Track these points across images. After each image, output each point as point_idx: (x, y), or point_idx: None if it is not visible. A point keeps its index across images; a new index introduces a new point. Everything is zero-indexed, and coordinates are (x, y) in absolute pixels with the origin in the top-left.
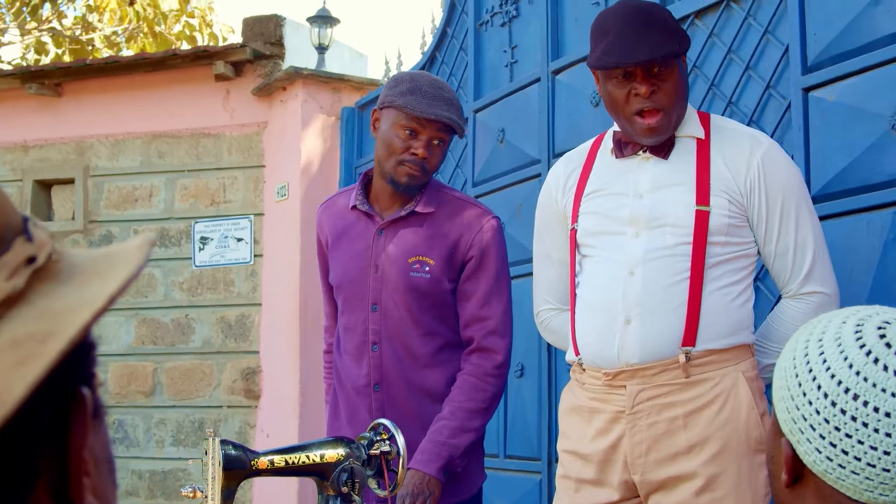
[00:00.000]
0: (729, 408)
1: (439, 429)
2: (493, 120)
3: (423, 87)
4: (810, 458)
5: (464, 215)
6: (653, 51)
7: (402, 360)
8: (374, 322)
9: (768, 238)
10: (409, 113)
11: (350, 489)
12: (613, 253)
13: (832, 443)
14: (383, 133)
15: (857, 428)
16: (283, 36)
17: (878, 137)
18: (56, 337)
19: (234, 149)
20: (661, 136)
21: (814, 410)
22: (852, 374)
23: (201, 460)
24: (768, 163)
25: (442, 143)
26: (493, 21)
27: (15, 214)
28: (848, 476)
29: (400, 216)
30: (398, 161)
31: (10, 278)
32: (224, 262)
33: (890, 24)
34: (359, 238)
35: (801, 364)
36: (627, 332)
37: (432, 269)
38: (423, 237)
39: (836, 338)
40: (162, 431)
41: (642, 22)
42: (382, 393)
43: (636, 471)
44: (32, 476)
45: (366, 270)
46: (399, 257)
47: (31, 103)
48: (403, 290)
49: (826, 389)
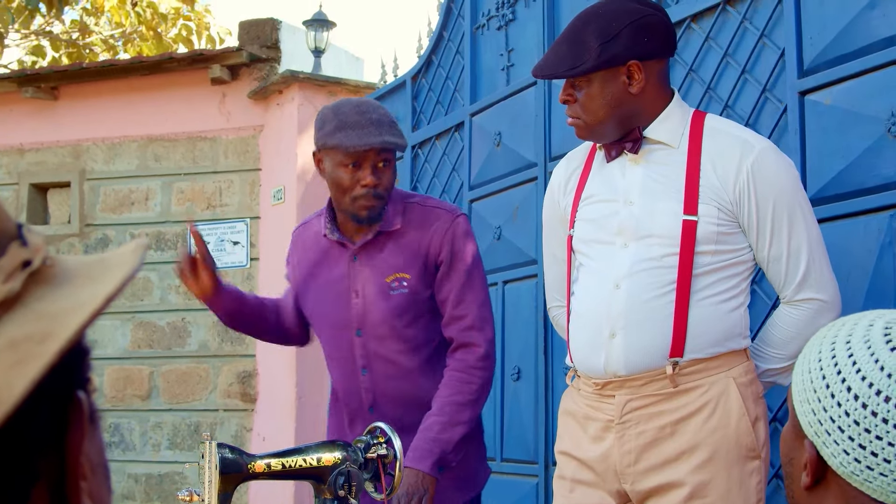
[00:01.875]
0: (718, 415)
1: (429, 425)
2: (490, 123)
3: (349, 118)
4: (837, 460)
5: (429, 221)
6: (554, 67)
7: (393, 378)
8: (360, 346)
9: (760, 245)
10: (343, 150)
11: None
12: (601, 264)
13: (862, 444)
14: (329, 174)
15: (888, 430)
16: (279, 39)
17: (874, 141)
18: (53, 338)
19: (231, 152)
20: (583, 136)
21: (843, 412)
22: (884, 377)
23: (198, 464)
24: (758, 169)
25: (387, 162)
26: (490, 25)
27: (9, 220)
28: (876, 478)
29: (369, 239)
30: (352, 198)
31: (6, 281)
32: (220, 265)
33: (886, 27)
34: (334, 266)
35: (829, 366)
36: (612, 345)
37: (410, 283)
38: (396, 254)
39: (865, 340)
40: (158, 435)
41: (565, 32)
42: (377, 413)
43: (626, 480)
44: (32, 479)
45: (345, 297)
46: (377, 279)
47: (27, 107)
48: (386, 310)
49: (857, 391)
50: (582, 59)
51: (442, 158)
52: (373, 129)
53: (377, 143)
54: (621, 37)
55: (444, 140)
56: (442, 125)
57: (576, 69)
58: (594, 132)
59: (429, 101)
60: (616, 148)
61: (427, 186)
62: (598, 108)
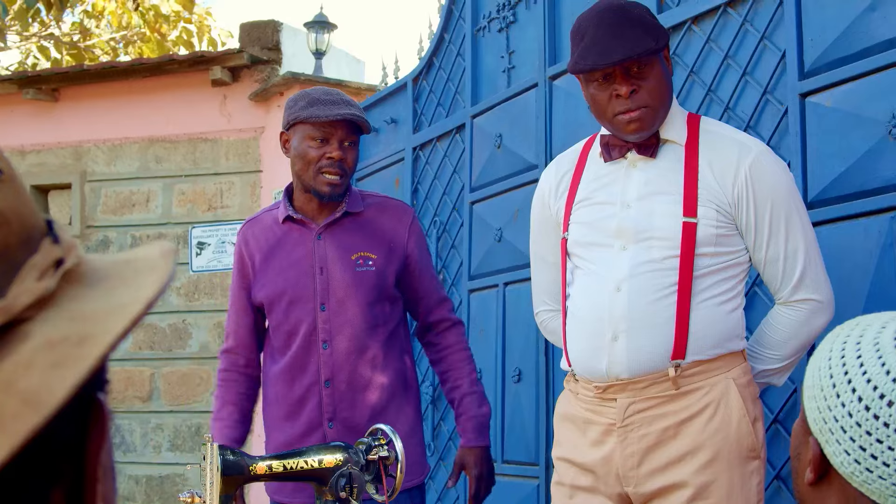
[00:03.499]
0: (720, 416)
1: (469, 402)
2: (491, 125)
3: (319, 97)
4: (838, 460)
5: (392, 212)
6: (628, 50)
7: (352, 354)
8: (323, 321)
9: (758, 246)
10: (314, 122)
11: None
12: (601, 267)
13: (862, 446)
14: (296, 149)
15: (888, 434)
16: (280, 41)
17: (874, 143)
18: (93, 341)
19: (232, 154)
20: (645, 132)
21: (846, 413)
22: (889, 381)
23: (199, 465)
24: (756, 171)
25: (353, 143)
26: (491, 27)
27: (40, 216)
28: (875, 480)
29: (335, 218)
30: (317, 170)
31: (40, 279)
32: (221, 267)
33: (886, 29)
34: (296, 246)
35: (837, 366)
36: (615, 348)
37: (376, 262)
38: (361, 235)
39: (874, 343)
40: (159, 436)
41: (617, 21)
42: (333, 388)
43: (629, 483)
44: (53, 481)
45: (309, 274)
46: (343, 255)
47: (28, 108)
48: (352, 285)
49: (861, 393)
50: (655, 38)
51: (443, 160)
52: (342, 105)
53: (347, 115)
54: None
55: (444, 142)
56: (443, 127)
57: (658, 47)
58: (658, 118)
59: (430, 103)
60: (621, 149)
61: (428, 188)
62: (665, 91)
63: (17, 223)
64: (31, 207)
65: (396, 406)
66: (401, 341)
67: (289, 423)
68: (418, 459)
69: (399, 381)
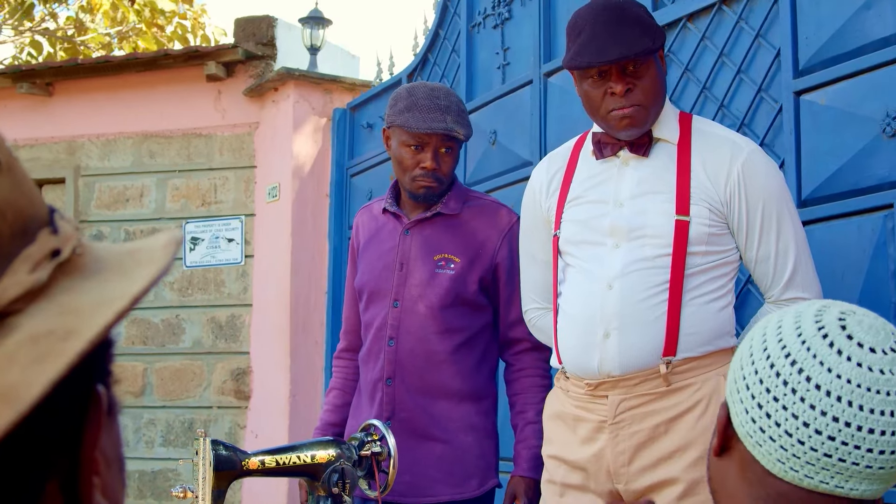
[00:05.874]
0: (711, 412)
1: (531, 432)
2: (486, 122)
3: (419, 101)
4: (738, 419)
5: (489, 215)
6: (625, 49)
7: (418, 356)
8: (392, 318)
9: (749, 245)
10: (408, 131)
11: (341, 490)
12: (593, 265)
13: (759, 404)
14: (394, 152)
15: (785, 393)
16: (275, 37)
17: (868, 141)
18: (77, 335)
19: (226, 149)
20: (637, 129)
21: (753, 371)
22: (803, 349)
23: (192, 460)
24: (748, 170)
25: (450, 150)
26: (486, 23)
27: (42, 205)
28: (766, 442)
29: (426, 216)
30: (412, 177)
31: (32, 271)
32: (215, 262)
33: (881, 28)
34: (387, 238)
35: (758, 337)
36: (606, 345)
37: (458, 266)
38: (449, 236)
39: (796, 317)
40: (152, 432)
41: (615, 19)
42: (394, 388)
43: (620, 480)
44: (48, 473)
45: (391, 268)
46: (425, 255)
47: (21, 102)
48: (427, 286)
49: (773, 358)
50: (652, 38)
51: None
52: (439, 114)
53: (439, 129)
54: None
55: None
56: None
57: (654, 46)
58: (651, 117)
59: None
60: (613, 147)
61: None
62: (658, 90)
63: (13, 214)
64: (30, 197)
65: (462, 417)
66: (480, 351)
67: (360, 413)
68: (476, 473)
69: (469, 392)
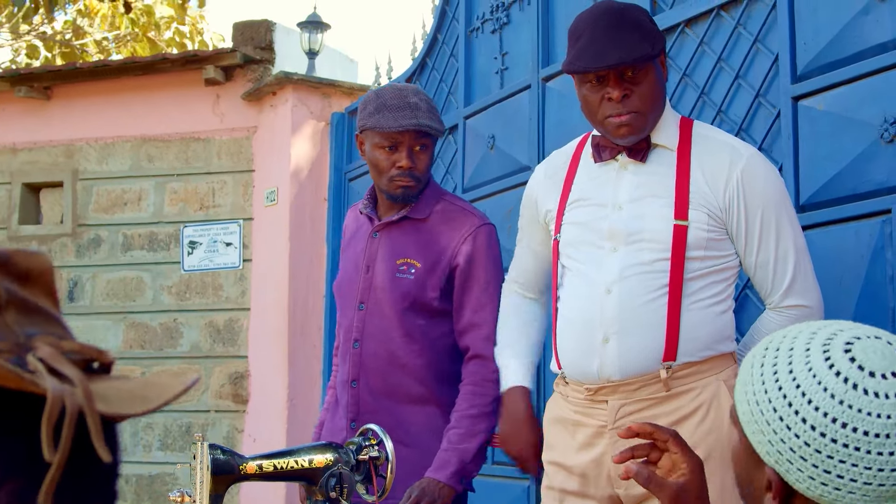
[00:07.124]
0: (711, 417)
1: (448, 437)
2: (484, 126)
3: (388, 101)
4: (804, 486)
5: (454, 222)
6: (623, 55)
7: (381, 359)
8: (358, 320)
9: (748, 251)
10: (380, 132)
11: (339, 494)
12: (591, 269)
13: (826, 470)
14: (368, 155)
15: (849, 454)
16: (273, 41)
17: (866, 146)
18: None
19: (224, 153)
20: (635, 136)
21: (802, 443)
22: (834, 403)
23: (190, 465)
24: (748, 176)
25: (424, 147)
26: (484, 28)
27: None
28: (846, 496)
29: (392, 220)
30: (389, 178)
31: None
32: (213, 266)
33: (879, 33)
34: (360, 240)
35: (777, 397)
36: (606, 350)
37: (418, 271)
38: (412, 241)
39: (807, 365)
40: (149, 436)
41: (614, 24)
42: (359, 390)
43: (620, 485)
44: None
45: (359, 270)
46: (388, 258)
47: (20, 106)
48: (389, 289)
49: (812, 422)
50: (652, 43)
51: (435, 161)
52: (409, 112)
53: (411, 126)
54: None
55: (437, 142)
56: None
57: (653, 52)
58: (648, 124)
59: None
60: (611, 150)
61: None
62: (657, 96)
63: None
64: None
65: (427, 421)
66: (444, 355)
67: (332, 414)
68: None
69: (432, 396)
